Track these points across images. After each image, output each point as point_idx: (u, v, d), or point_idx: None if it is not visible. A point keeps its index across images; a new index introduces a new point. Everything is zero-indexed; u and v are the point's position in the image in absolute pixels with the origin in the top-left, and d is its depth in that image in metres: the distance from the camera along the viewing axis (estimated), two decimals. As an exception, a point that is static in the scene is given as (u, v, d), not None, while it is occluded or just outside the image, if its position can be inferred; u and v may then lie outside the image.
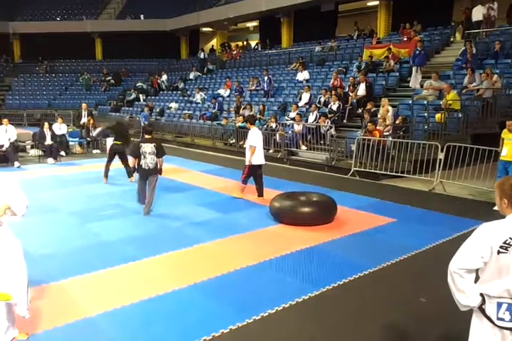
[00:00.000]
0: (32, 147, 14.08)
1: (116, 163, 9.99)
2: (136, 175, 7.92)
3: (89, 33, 29.74)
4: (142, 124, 17.08)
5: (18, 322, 3.73)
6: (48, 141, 12.98)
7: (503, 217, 2.42)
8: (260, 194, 8.42)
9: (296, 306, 4.23)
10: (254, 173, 8.34)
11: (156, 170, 7.21)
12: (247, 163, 8.30)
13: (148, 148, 7.06)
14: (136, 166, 7.29)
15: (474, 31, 14.41)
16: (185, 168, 11.78)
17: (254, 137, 8.21)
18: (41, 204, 8.07)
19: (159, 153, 7.16)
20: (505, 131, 7.61)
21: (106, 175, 9.77)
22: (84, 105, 16.16)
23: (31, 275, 4.89)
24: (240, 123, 14.30)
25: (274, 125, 13.43)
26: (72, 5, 31.37)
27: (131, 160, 7.33)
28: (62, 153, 13.69)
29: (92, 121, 15.15)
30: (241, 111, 15.24)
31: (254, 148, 8.16)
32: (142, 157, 7.05)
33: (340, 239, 6.17)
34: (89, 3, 31.43)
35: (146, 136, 7.41)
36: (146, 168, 7.08)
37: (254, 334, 3.78)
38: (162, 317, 4.01)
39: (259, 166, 8.36)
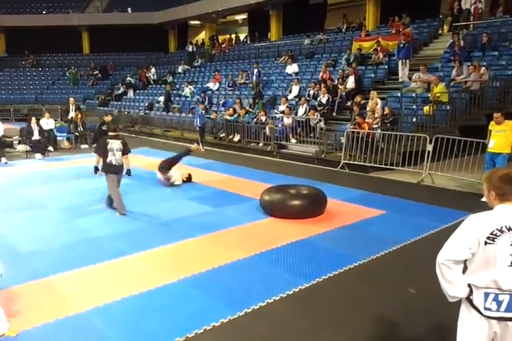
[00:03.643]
0: (19, 142, 13.92)
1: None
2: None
3: (75, 26, 29.35)
4: (198, 126, 14.40)
5: (7, 317, 3.71)
6: (36, 136, 12.85)
7: (491, 208, 2.45)
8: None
9: (287, 299, 4.25)
10: None
11: (122, 167, 7.15)
12: None
13: (115, 144, 7.01)
14: (103, 164, 7.13)
15: (461, 23, 14.45)
16: (175, 162, 11.72)
17: None
18: (29, 200, 8.01)
19: (125, 150, 7.10)
20: (492, 123, 7.67)
21: None
22: (71, 99, 16.01)
23: (20, 271, 4.88)
24: (229, 117, 14.27)
25: (263, 118, 13.41)
26: (58, -2, 30.94)
27: (96, 158, 7.21)
28: (50, 148, 13.56)
29: (79, 116, 15.02)
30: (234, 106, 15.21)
31: None
32: (111, 154, 6.96)
33: (330, 231, 6.20)
34: (75, -4, 31.02)
35: (111, 133, 7.25)
36: (117, 164, 7.00)
37: (245, 327, 3.79)
38: (153, 312, 4.01)
39: None
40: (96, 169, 7.24)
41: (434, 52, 14.91)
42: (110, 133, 7.26)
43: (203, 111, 15.07)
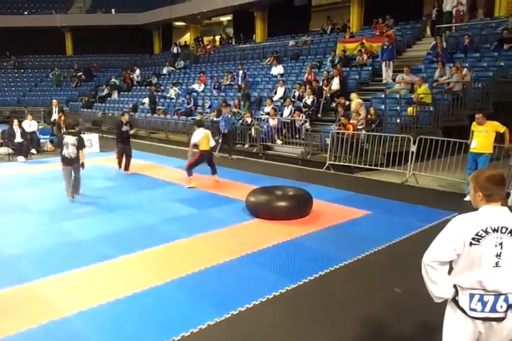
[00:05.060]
0: (1, 145, 13.69)
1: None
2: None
3: (58, 27, 29.01)
4: (223, 131, 12.89)
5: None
6: (18, 139, 12.68)
7: (474, 207, 2.47)
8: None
9: (274, 300, 4.25)
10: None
11: (78, 160, 7.89)
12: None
13: (70, 139, 7.80)
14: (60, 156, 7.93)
15: (444, 26, 14.62)
16: (160, 164, 11.67)
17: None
18: (11, 203, 7.90)
19: (80, 145, 7.88)
20: (474, 123, 7.77)
21: None
22: (54, 101, 15.83)
23: (2, 276, 4.80)
24: (215, 118, 14.22)
25: (249, 119, 13.40)
26: (40, -2, 30.57)
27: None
28: (33, 150, 13.39)
29: (63, 118, 14.80)
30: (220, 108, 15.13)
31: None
32: (65, 147, 7.76)
33: (316, 232, 6.21)
34: (58, -4, 30.67)
35: (71, 130, 8.15)
36: (69, 157, 7.79)
37: (232, 329, 3.78)
38: (139, 315, 3.97)
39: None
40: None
41: (417, 53, 15.10)
42: (69, 130, 8.18)
43: (230, 115, 13.31)
